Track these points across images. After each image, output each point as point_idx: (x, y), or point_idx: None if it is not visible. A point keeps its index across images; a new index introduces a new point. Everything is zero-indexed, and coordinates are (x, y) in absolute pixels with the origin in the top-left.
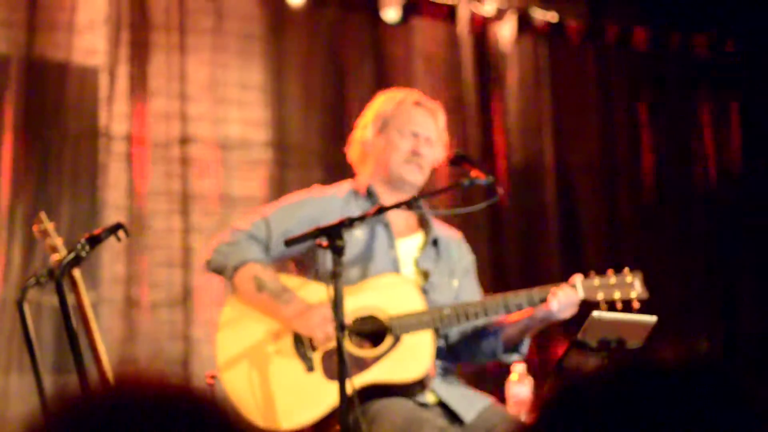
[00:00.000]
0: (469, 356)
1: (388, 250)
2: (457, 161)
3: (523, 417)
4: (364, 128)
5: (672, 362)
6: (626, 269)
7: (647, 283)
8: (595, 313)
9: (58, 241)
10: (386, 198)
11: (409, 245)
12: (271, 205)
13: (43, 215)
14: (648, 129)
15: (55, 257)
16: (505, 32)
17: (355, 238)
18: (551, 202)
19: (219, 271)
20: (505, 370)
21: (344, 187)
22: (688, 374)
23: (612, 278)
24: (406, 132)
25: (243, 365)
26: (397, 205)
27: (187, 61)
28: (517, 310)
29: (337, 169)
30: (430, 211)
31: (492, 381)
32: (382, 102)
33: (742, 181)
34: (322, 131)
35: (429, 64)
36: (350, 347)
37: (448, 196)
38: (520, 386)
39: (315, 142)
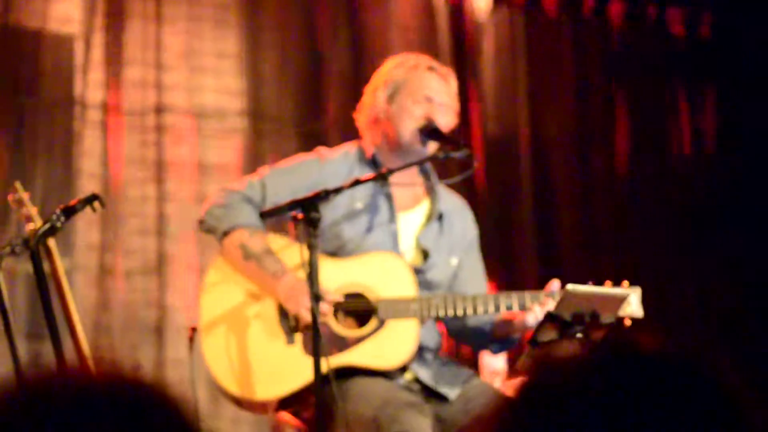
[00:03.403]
0: (456, 336)
1: (388, 224)
2: (430, 134)
3: (498, 386)
4: (373, 94)
5: (651, 349)
6: (625, 282)
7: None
8: (570, 287)
9: (33, 211)
10: (392, 167)
11: (412, 219)
12: (269, 167)
13: (18, 185)
14: (623, 100)
15: (30, 227)
16: (481, 2)
17: (353, 209)
18: (526, 171)
19: (210, 232)
20: None
21: (352, 148)
22: (667, 361)
23: (609, 291)
24: (419, 97)
25: (223, 329)
26: (385, 174)
27: (163, 30)
28: (507, 310)
29: (312, 138)
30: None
31: (466, 350)
32: (393, 67)
33: (716, 152)
34: (298, 100)
35: (405, 33)
36: (334, 324)
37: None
38: (494, 357)
39: (290, 111)
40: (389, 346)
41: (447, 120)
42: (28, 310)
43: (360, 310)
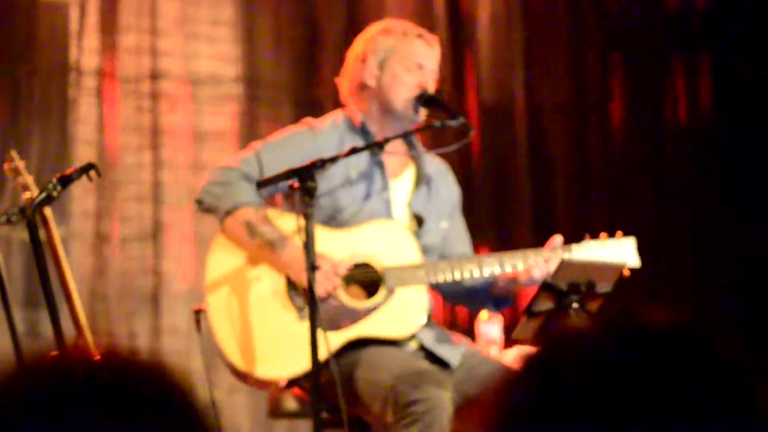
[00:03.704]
0: (452, 298)
1: (381, 192)
2: (427, 102)
3: (494, 355)
4: (361, 61)
5: (660, 324)
6: (619, 233)
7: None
8: (566, 256)
9: (30, 180)
10: (381, 135)
11: (402, 185)
12: (262, 141)
13: (14, 153)
14: (618, 66)
15: (26, 195)
16: None
17: (349, 179)
18: (521, 138)
19: (210, 212)
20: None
21: (338, 117)
22: (676, 337)
23: (606, 242)
24: (411, 65)
25: (233, 306)
26: (382, 143)
27: None
28: (512, 270)
29: (308, 105)
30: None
31: (462, 319)
32: (380, 33)
33: (712, 118)
34: (294, 67)
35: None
36: (343, 297)
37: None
38: (490, 325)
39: (286, 78)
40: (400, 314)
41: (434, 87)
42: (25, 278)
43: (367, 280)
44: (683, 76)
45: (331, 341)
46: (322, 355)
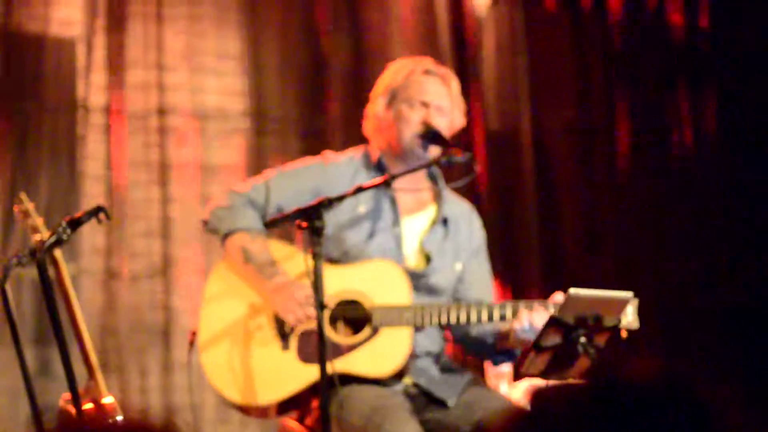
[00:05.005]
0: (461, 344)
1: (392, 228)
2: (430, 139)
3: (503, 389)
4: (374, 102)
5: (647, 381)
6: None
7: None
8: (572, 291)
9: (39, 222)
10: (394, 172)
11: (417, 223)
12: (276, 169)
13: (23, 196)
14: (623, 94)
15: (36, 237)
16: None
17: (357, 214)
18: (528, 166)
19: (213, 233)
20: None
21: (358, 153)
22: (663, 394)
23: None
24: (415, 103)
25: (221, 337)
26: (388, 180)
27: (164, 31)
28: (501, 320)
29: (315, 137)
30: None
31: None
32: (392, 73)
33: (718, 144)
34: (300, 99)
35: (405, 29)
36: (328, 331)
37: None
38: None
39: (293, 111)
40: (382, 353)
41: (446, 122)
42: (35, 316)
43: (354, 317)
44: (689, 100)
45: (312, 374)
46: (300, 385)
